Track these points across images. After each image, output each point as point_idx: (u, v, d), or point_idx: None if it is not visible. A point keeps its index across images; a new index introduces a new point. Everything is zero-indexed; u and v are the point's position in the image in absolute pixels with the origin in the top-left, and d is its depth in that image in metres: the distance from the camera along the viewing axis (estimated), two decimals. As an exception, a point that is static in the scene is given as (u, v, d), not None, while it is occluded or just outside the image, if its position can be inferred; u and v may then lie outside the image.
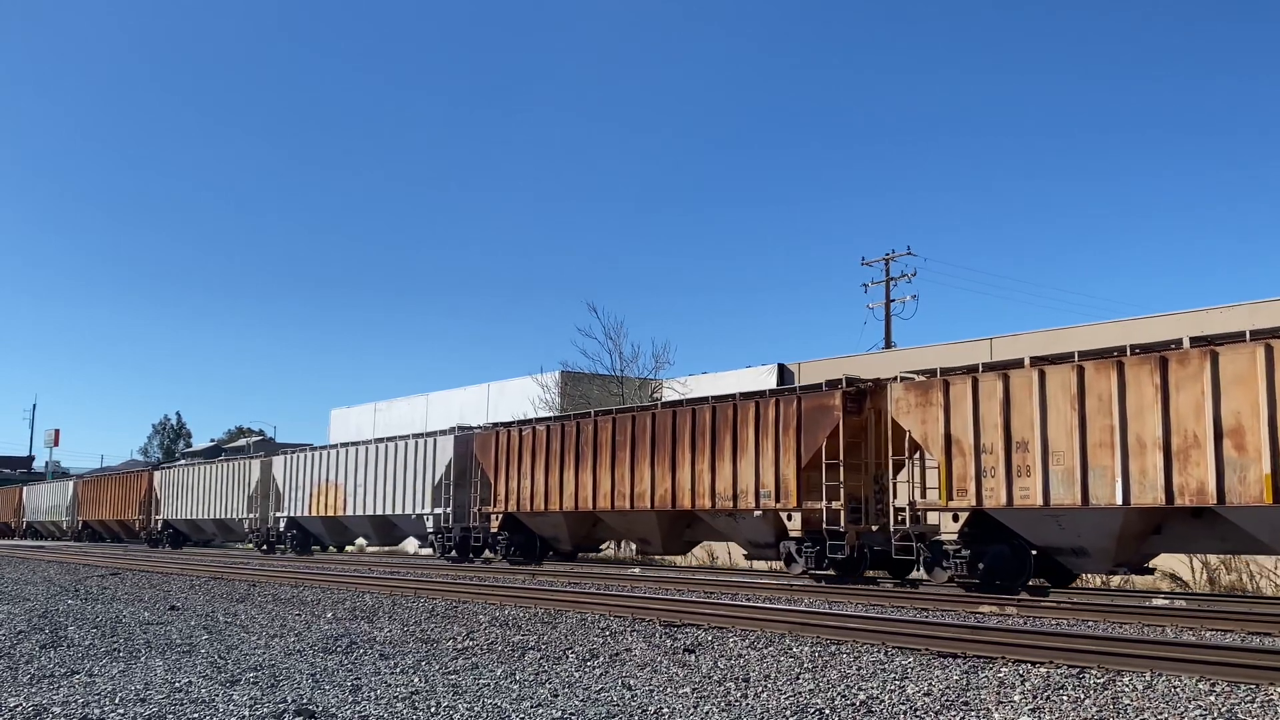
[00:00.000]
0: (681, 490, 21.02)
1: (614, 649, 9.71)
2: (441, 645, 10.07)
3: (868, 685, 7.65)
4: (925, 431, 17.27)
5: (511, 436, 25.88)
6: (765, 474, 19.43)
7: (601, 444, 23.05)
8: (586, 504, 23.27)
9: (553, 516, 24.55)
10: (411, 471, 29.57)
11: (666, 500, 21.35)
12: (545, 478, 24.52)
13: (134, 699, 7.07)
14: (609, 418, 23.27)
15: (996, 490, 16.05)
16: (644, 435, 22.01)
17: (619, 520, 23.21)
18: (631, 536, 23.50)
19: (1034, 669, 8.20)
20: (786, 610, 12.24)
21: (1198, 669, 7.84)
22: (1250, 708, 6.76)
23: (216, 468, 41.34)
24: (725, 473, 20.17)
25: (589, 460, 23.33)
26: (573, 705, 6.91)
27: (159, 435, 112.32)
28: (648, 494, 21.75)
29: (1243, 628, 11.49)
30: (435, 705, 6.89)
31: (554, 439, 24.42)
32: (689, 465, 20.91)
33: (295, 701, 6.93)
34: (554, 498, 24.20)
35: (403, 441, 30.52)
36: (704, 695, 7.33)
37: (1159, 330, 20.43)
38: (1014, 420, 15.97)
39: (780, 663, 8.81)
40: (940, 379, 17.16)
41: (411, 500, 29.45)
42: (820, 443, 18.56)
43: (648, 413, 22.49)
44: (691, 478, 20.80)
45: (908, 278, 44.78)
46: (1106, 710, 6.74)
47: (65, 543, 52.96)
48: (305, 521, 35.26)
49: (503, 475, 25.95)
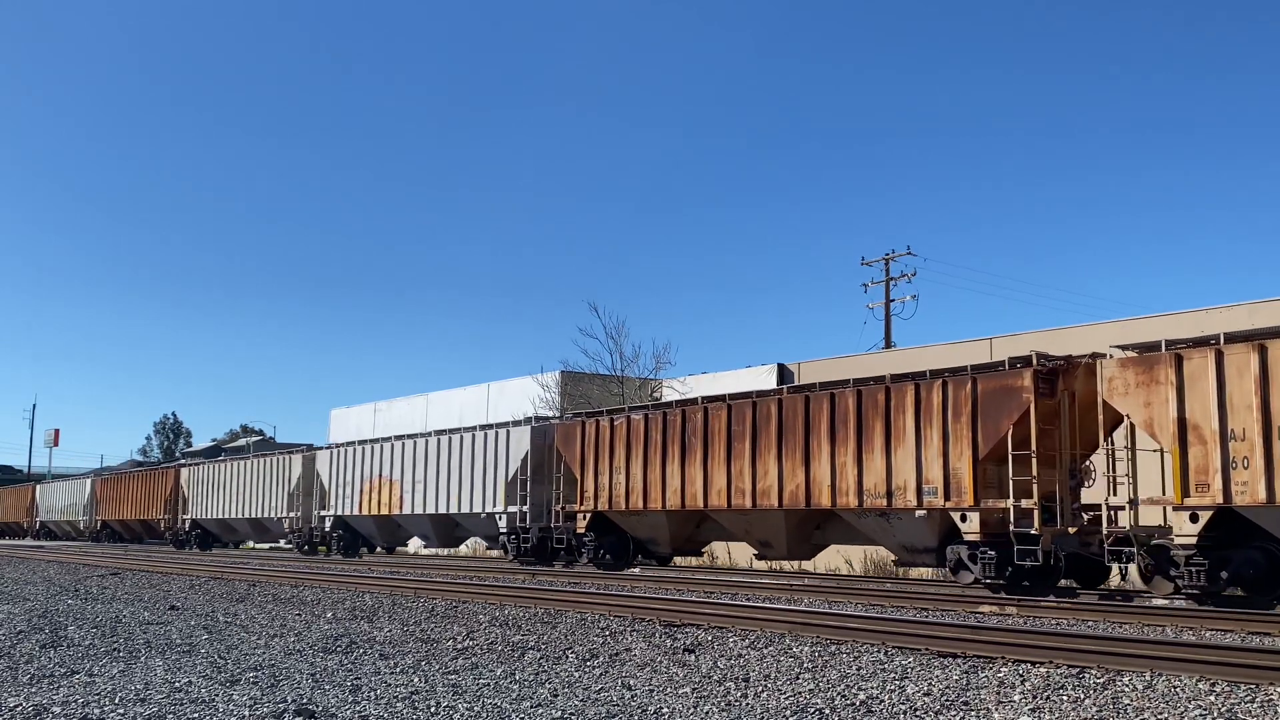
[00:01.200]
0: (818, 486, 18.71)
1: (614, 649, 9.71)
2: (441, 645, 10.07)
3: (868, 685, 7.65)
4: (1149, 415, 14.93)
5: (601, 427, 23.43)
6: (930, 467, 17.10)
7: (714, 434, 20.73)
8: (695, 501, 21.01)
9: (651, 516, 22.33)
10: (480, 466, 27.16)
11: (798, 498, 19.06)
12: (644, 472, 22.15)
13: (134, 699, 7.07)
14: (722, 405, 20.93)
15: (1251, 485, 13.69)
16: (768, 424, 19.72)
17: (735, 520, 20.86)
18: (750, 539, 21.10)
19: (1034, 669, 8.20)
20: (786, 610, 12.24)
21: (1198, 669, 7.83)
22: (1250, 708, 6.75)
23: (252, 464, 38.96)
24: (876, 466, 17.87)
25: (698, 452, 21.02)
26: (573, 705, 6.91)
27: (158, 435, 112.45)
28: (774, 490, 19.43)
29: (1243, 628, 11.49)
30: (435, 705, 6.89)
31: (654, 429, 22.10)
32: (827, 458, 18.60)
33: (295, 701, 6.93)
34: (654, 494, 21.95)
35: (469, 433, 28.21)
36: (704, 695, 7.33)
37: (1159, 330, 20.40)
38: (1276, 400, 13.65)
39: (780, 663, 8.81)
40: (1169, 353, 14.85)
41: (480, 497, 27.10)
42: (1003, 430, 16.22)
43: (772, 399, 20.04)
44: (831, 472, 18.49)
45: (908, 278, 44.77)
46: (1106, 710, 6.74)
47: (65, 543, 52.65)
48: (354, 521, 32.86)
49: (590, 470, 23.58)
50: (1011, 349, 23.26)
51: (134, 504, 48.09)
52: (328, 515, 33.74)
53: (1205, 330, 16.08)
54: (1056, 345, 20.20)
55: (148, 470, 53.49)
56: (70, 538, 55.84)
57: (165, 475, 46.15)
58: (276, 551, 40.04)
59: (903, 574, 22.57)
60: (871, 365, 26.66)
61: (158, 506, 45.55)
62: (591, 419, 23.95)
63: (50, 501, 59.49)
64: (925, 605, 14.26)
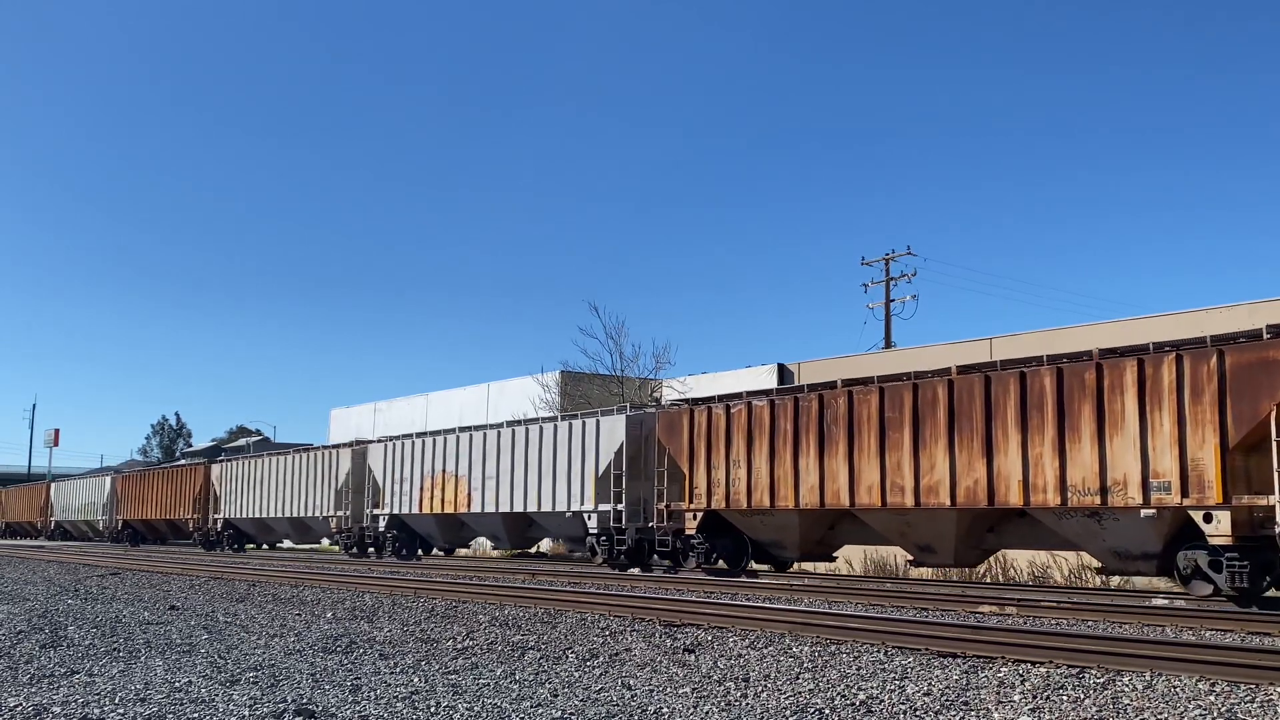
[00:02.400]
0: (1004, 482, 16.21)
1: (614, 649, 9.71)
2: (441, 645, 10.07)
3: (868, 685, 7.65)
4: None
5: (714, 415, 20.86)
6: (1159, 458, 14.61)
7: (861, 421, 18.18)
8: (838, 499, 18.46)
9: (779, 516, 19.69)
10: (564, 460, 24.71)
11: (977, 495, 16.54)
12: (770, 466, 19.58)
13: (134, 699, 7.07)
14: (872, 389, 18.25)
15: None
16: (934, 409, 17.20)
17: (889, 521, 18.25)
18: (906, 542, 18.56)
19: (1034, 669, 8.20)
20: (786, 610, 12.24)
21: (1198, 669, 7.83)
22: (1250, 708, 6.76)
23: (293, 459, 36.27)
24: (1084, 458, 15.31)
25: (840, 443, 18.46)
26: (572, 705, 6.91)
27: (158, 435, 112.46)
28: (944, 486, 16.91)
29: (1243, 628, 11.49)
30: (435, 705, 6.89)
31: (781, 417, 19.49)
32: (1016, 448, 16.08)
33: (295, 701, 6.94)
34: (783, 491, 19.31)
35: (549, 423, 25.77)
36: (704, 695, 7.33)
37: (1159, 330, 20.42)
38: None
39: (780, 663, 8.81)
40: None
41: (564, 495, 24.65)
42: (1263, 412, 13.71)
43: (939, 380, 17.34)
44: (1024, 465, 15.96)
45: (908, 278, 44.84)
46: (1106, 710, 6.74)
47: (66, 543, 52.55)
48: (412, 520, 30.41)
49: (702, 463, 20.96)
50: (1011, 349, 23.23)
51: (160, 503, 45.44)
52: (382, 514, 31.31)
53: (1206, 330, 16.02)
54: (1056, 345, 20.21)
55: (174, 467, 50.49)
56: (88, 538, 53.26)
57: (194, 472, 43.57)
58: (319, 553, 38.02)
59: (904, 574, 22.57)
60: (872, 365, 26.70)
61: (185, 505, 43.16)
62: (702, 406, 21.38)
63: (66, 500, 56.47)
64: (925, 605, 14.26)
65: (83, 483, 56.51)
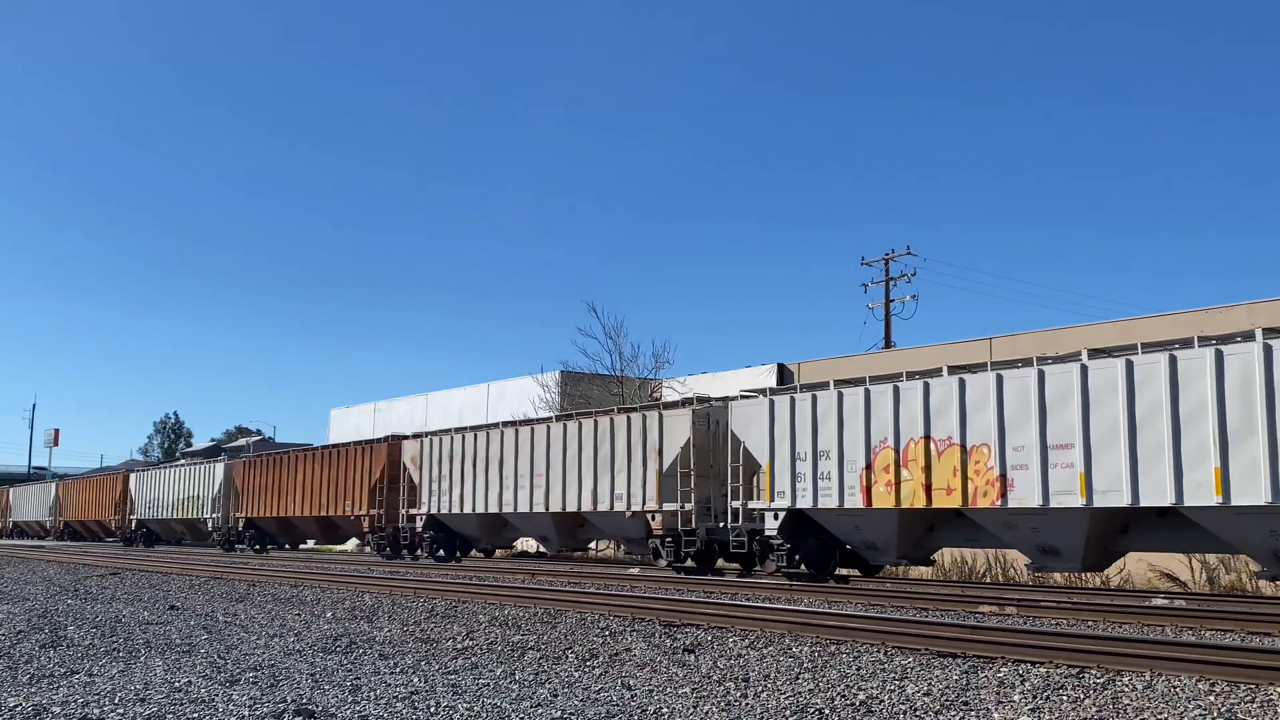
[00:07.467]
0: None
1: (614, 649, 9.71)
2: (441, 645, 10.07)
3: (867, 685, 7.65)
4: None
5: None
6: None
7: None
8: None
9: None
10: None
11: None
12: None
13: (134, 699, 7.07)
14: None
15: None
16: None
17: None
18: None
19: (1034, 669, 8.20)
20: (786, 610, 12.23)
21: (1198, 669, 7.83)
22: (1250, 708, 6.75)
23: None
24: None
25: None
26: (572, 705, 6.91)
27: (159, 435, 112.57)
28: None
29: (1243, 628, 11.48)
30: (435, 705, 6.89)
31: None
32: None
33: (295, 701, 6.93)
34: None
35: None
36: (704, 695, 7.33)
37: (1159, 330, 20.42)
38: None
39: (780, 663, 8.81)
40: None
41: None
42: None
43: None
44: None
45: (908, 278, 44.83)
46: (1106, 710, 6.73)
47: (66, 543, 52.52)
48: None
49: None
50: (1011, 349, 23.24)
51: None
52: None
53: (1205, 330, 16.00)
54: (1056, 345, 20.21)
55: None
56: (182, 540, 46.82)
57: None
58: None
59: (902, 574, 22.56)
60: (872, 365, 26.67)
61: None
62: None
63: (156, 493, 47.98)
64: (925, 605, 14.25)
65: (180, 471, 46.89)
